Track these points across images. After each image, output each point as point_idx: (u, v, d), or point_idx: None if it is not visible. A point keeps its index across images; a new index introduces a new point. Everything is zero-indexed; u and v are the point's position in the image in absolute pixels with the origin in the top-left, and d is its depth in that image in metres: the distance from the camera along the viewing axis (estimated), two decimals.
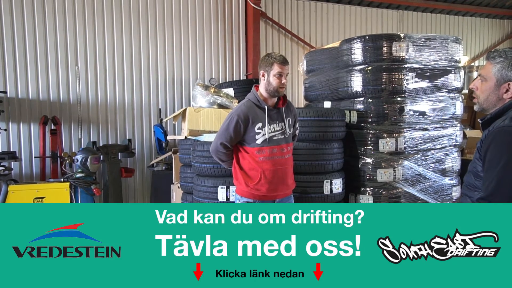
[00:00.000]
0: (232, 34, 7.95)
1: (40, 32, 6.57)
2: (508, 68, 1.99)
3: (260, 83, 3.36)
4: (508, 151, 1.90)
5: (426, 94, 4.97)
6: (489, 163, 1.95)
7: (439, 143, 5.11)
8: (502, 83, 2.02)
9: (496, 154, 1.93)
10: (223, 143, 3.32)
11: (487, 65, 2.08)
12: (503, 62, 2.01)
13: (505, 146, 1.92)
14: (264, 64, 3.29)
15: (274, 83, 3.25)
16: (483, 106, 2.12)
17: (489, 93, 2.07)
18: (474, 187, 2.12)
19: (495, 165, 1.91)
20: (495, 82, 2.03)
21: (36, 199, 5.04)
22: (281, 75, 3.24)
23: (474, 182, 2.12)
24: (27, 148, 6.55)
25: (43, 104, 6.63)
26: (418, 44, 4.90)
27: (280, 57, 3.27)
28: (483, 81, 2.10)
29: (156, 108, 7.32)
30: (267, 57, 3.32)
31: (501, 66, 2.01)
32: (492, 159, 1.94)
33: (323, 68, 5.72)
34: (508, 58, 2.00)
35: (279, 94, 3.32)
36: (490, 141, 1.96)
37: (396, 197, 4.85)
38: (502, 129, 1.94)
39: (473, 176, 2.12)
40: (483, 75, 2.09)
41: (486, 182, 1.95)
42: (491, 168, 1.93)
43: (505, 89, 2.02)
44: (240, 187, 3.38)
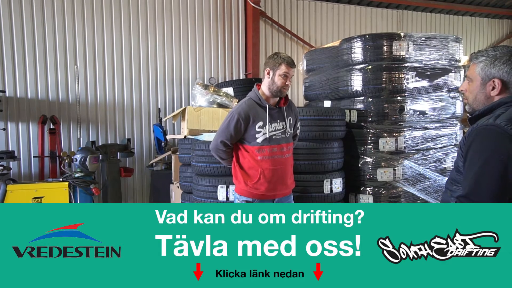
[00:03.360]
0: (232, 33, 7.94)
1: (39, 31, 6.57)
2: (491, 66, 2.01)
3: (263, 81, 3.36)
4: (488, 150, 1.92)
5: (426, 94, 4.97)
6: (470, 161, 1.96)
7: (439, 143, 5.11)
8: (487, 80, 2.04)
9: (476, 152, 1.94)
10: (223, 141, 3.32)
11: (472, 66, 2.11)
12: (485, 60, 2.03)
13: (486, 145, 1.93)
14: (272, 62, 3.29)
15: (278, 82, 3.25)
16: (473, 106, 2.13)
17: (477, 93, 2.09)
18: (456, 182, 2.14)
19: (475, 163, 1.93)
20: (480, 81, 2.06)
21: (34, 198, 5.03)
22: (287, 76, 3.25)
23: (455, 176, 2.14)
24: (25, 147, 6.55)
25: (42, 103, 6.62)
26: (418, 43, 4.90)
27: (288, 59, 3.27)
28: (469, 82, 2.13)
29: (155, 108, 7.32)
30: (275, 56, 3.31)
31: (484, 64, 2.04)
32: (473, 157, 1.95)
33: (323, 67, 5.72)
34: (490, 56, 2.03)
35: (281, 95, 3.33)
36: (472, 138, 1.98)
37: (396, 196, 4.85)
38: (485, 127, 1.94)
39: (455, 171, 2.15)
40: (469, 76, 2.13)
41: (466, 180, 1.97)
42: (471, 166, 1.95)
43: (491, 86, 2.04)
44: (239, 186, 3.38)
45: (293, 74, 3.31)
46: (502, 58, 2.00)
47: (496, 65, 2.00)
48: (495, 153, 1.90)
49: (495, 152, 1.90)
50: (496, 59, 2.01)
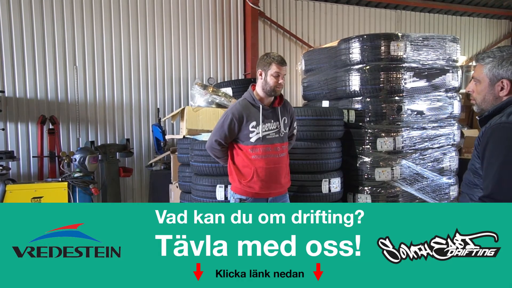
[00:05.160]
0: (231, 33, 7.95)
1: (38, 31, 6.56)
2: (498, 67, 2.04)
3: (257, 82, 3.38)
4: (506, 147, 1.92)
5: (424, 94, 4.98)
6: (488, 161, 1.96)
7: (437, 142, 5.12)
8: (495, 81, 2.06)
9: (494, 151, 1.94)
10: (218, 140, 3.37)
11: (478, 67, 2.14)
12: (493, 62, 2.06)
13: (503, 143, 1.93)
14: (262, 63, 3.32)
15: (271, 82, 3.27)
16: (481, 107, 2.15)
17: (485, 93, 2.11)
18: (474, 185, 2.13)
19: (494, 162, 1.93)
20: (489, 81, 2.08)
21: (34, 198, 5.02)
22: (279, 75, 3.27)
23: (473, 179, 2.13)
24: (25, 147, 6.55)
25: (41, 103, 6.62)
26: (416, 43, 4.91)
27: (278, 57, 3.29)
28: (477, 83, 2.15)
29: (154, 108, 7.32)
30: (265, 56, 3.34)
31: (491, 66, 2.07)
32: (491, 156, 1.95)
33: (321, 67, 5.73)
34: (497, 57, 2.05)
35: (275, 94, 3.35)
36: (487, 138, 1.98)
37: (394, 196, 4.86)
38: (499, 125, 1.96)
39: (472, 173, 2.14)
40: (476, 77, 2.15)
41: (487, 180, 1.96)
42: (491, 165, 1.95)
43: (500, 87, 2.06)
44: (234, 183, 3.43)
45: (285, 72, 3.33)
46: (510, 59, 2.03)
47: (504, 66, 2.03)
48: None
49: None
50: (503, 60, 2.04)
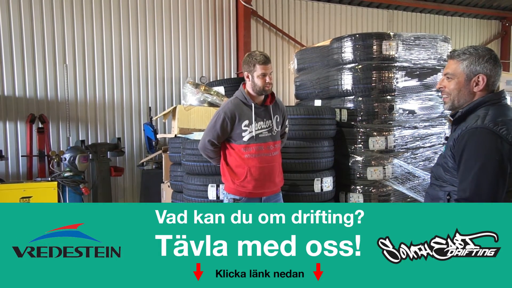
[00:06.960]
0: (223, 32, 7.94)
1: (27, 28, 6.48)
2: (476, 63, 2.10)
3: (246, 83, 3.37)
4: (483, 153, 1.98)
5: (416, 93, 5.03)
6: (465, 164, 2.01)
7: (428, 142, 5.17)
8: (472, 77, 2.12)
9: (472, 155, 2.00)
10: (211, 141, 3.35)
11: (452, 63, 2.18)
12: (470, 58, 2.12)
13: (479, 148, 1.99)
14: (247, 65, 3.29)
15: (259, 83, 3.26)
16: (454, 104, 2.19)
17: (461, 89, 2.15)
18: (443, 180, 2.19)
19: (473, 166, 1.98)
20: (465, 77, 2.13)
21: (22, 198, 4.95)
22: (265, 75, 3.25)
23: (443, 175, 2.18)
24: (13, 146, 6.47)
25: (30, 102, 6.54)
26: (407, 43, 4.95)
27: (261, 57, 3.25)
28: (450, 79, 2.18)
29: (146, 106, 7.28)
30: (248, 58, 3.30)
31: (469, 62, 2.12)
32: (468, 160, 2.00)
33: (313, 66, 5.74)
34: (473, 54, 2.11)
35: (266, 93, 3.34)
36: (465, 142, 2.03)
37: (386, 195, 4.90)
38: (476, 130, 2.01)
39: (443, 169, 2.19)
40: (450, 73, 2.18)
41: (463, 184, 2.02)
42: (468, 169, 2.00)
43: (475, 82, 2.12)
44: (227, 184, 3.41)
45: (271, 70, 3.30)
46: (485, 56, 2.10)
47: (481, 62, 2.10)
48: (491, 155, 1.96)
49: (490, 154, 1.97)
50: (480, 57, 2.10)
